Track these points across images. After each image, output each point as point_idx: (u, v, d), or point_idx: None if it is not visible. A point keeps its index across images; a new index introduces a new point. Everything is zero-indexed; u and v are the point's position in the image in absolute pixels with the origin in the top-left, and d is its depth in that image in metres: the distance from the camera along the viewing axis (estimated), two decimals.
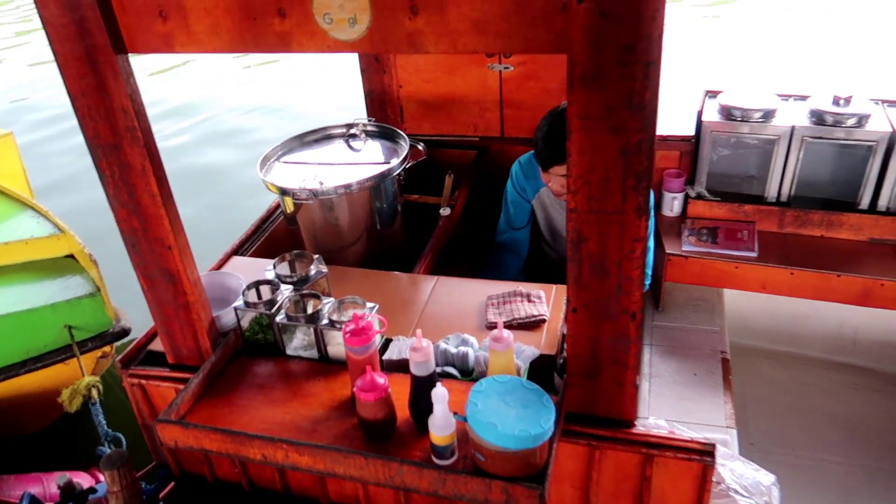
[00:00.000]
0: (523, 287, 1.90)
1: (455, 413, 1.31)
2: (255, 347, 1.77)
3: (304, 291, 1.77)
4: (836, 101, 2.47)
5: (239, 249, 2.26)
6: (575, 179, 1.21)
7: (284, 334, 1.73)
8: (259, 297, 1.79)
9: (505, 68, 2.65)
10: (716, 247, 2.50)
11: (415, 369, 1.41)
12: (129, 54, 1.37)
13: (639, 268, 1.27)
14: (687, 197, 2.63)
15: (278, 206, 2.50)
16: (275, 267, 1.88)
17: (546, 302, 1.85)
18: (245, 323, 1.76)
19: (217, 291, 1.89)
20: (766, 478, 1.77)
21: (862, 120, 2.41)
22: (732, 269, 2.46)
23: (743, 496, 1.72)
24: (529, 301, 1.85)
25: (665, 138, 2.64)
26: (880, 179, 2.43)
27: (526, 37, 1.14)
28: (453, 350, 1.66)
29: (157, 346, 1.85)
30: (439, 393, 1.30)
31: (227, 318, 1.82)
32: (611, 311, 1.33)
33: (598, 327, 1.36)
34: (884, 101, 2.56)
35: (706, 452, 1.41)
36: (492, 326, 1.79)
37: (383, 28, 1.20)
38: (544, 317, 1.78)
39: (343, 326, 1.49)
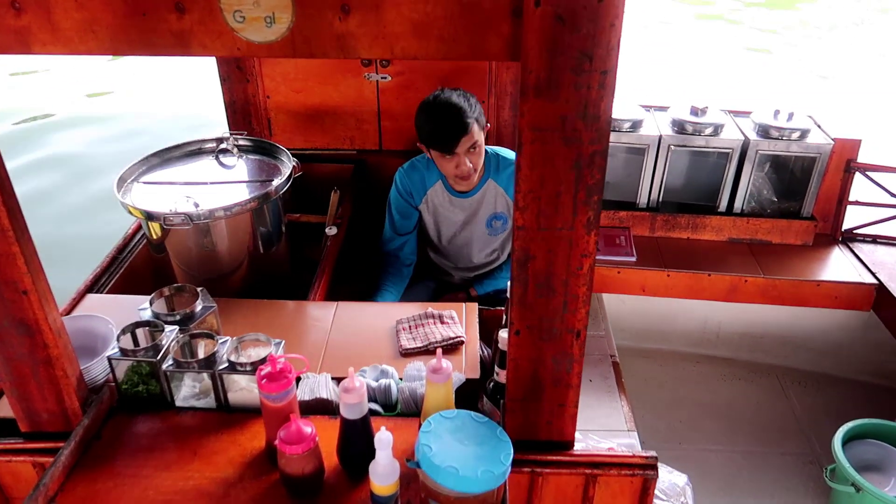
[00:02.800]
0: (433, 308, 1.80)
1: (408, 460, 1.17)
2: (135, 402, 1.50)
3: (193, 331, 1.54)
4: (693, 112, 2.64)
5: (94, 286, 1.94)
6: (524, 195, 1.13)
7: (172, 382, 1.49)
8: (136, 342, 1.53)
9: (382, 78, 2.54)
10: (598, 254, 2.56)
11: (346, 412, 1.25)
12: None
13: (585, 284, 1.22)
14: None
15: (137, 231, 2.19)
16: (151, 304, 1.62)
17: (459, 321, 1.77)
18: (120, 374, 1.49)
19: (80, 339, 1.59)
20: (680, 478, 1.81)
21: (718, 129, 2.60)
22: (615, 275, 2.54)
23: (662, 499, 1.75)
24: (443, 322, 1.75)
25: None
26: (735, 184, 2.64)
27: (473, 42, 1.04)
28: (374, 384, 1.52)
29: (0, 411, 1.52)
30: (384, 439, 1.15)
31: (95, 369, 1.54)
32: (555, 331, 1.27)
33: (541, 348, 1.29)
34: (731, 112, 2.78)
35: (649, 466, 1.39)
36: (407, 353, 1.68)
37: (308, 29, 1.05)
38: (462, 338, 1.70)
39: (257, 371, 1.30)
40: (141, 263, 2.10)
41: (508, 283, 1.28)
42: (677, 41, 9.00)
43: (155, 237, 1.95)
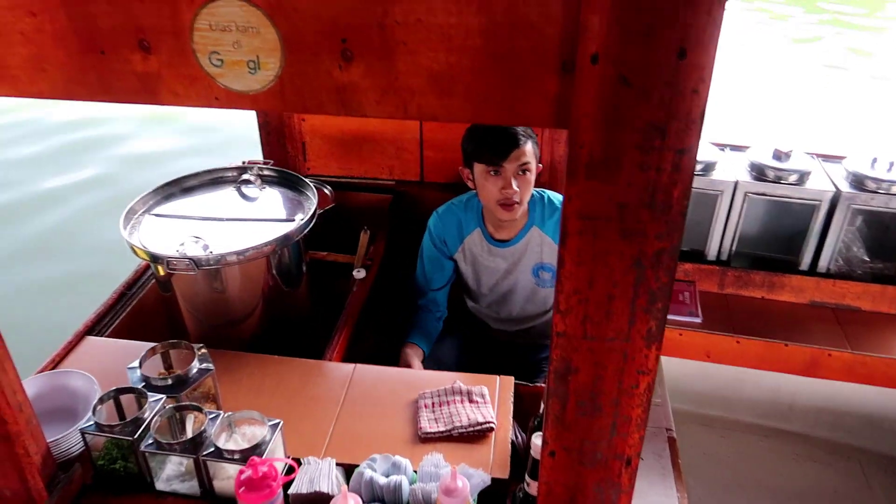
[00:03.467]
0: (462, 382, 1.56)
1: None
2: (111, 480, 1.31)
3: (182, 403, 1.35)
4: (776, 155, 2.33)
5: (95, 327, 1.78)
6: (567, 296, 0.88)
7: (152, 462, 1.30)
8: (120, 411, 1.35)
9: None
10: None
11: None
12: None
13: (641, 405, 0.96)
14: None
15: (149, 266, 2.03)
16: (141, 365, 1.43)
17: (490, 401, 1.52)
18: (96, 448, 1.30)
19: (57, 399, 1.42)
20: None
21: (804, 176, 2.28)
22: (677, 337, 2.25)
23: None
24: (471, 402, 1.51)
25: None
26: (821, 240, 2.31)
27: (508, 102, 0.80)
28: (381, 480, 1.29)
29: None
30: None
31: (69, 440, 1.36)
32: (599, 456, 1.02)
33: (581, 474, 1.04)
34: (819, 156, 2.45)
35: None
36: (427, 438, 1.44)
37: (300, 78, 0.83)
38: (491, 424, 1.45)
39: (238, 474, 1.09)
40: (151, 302, 1.93)
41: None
42: (764, 68, 8.31)
43: (162, 275, 1.78)
